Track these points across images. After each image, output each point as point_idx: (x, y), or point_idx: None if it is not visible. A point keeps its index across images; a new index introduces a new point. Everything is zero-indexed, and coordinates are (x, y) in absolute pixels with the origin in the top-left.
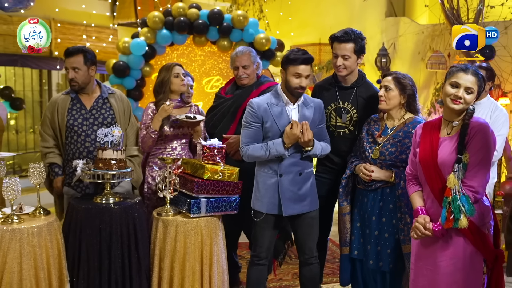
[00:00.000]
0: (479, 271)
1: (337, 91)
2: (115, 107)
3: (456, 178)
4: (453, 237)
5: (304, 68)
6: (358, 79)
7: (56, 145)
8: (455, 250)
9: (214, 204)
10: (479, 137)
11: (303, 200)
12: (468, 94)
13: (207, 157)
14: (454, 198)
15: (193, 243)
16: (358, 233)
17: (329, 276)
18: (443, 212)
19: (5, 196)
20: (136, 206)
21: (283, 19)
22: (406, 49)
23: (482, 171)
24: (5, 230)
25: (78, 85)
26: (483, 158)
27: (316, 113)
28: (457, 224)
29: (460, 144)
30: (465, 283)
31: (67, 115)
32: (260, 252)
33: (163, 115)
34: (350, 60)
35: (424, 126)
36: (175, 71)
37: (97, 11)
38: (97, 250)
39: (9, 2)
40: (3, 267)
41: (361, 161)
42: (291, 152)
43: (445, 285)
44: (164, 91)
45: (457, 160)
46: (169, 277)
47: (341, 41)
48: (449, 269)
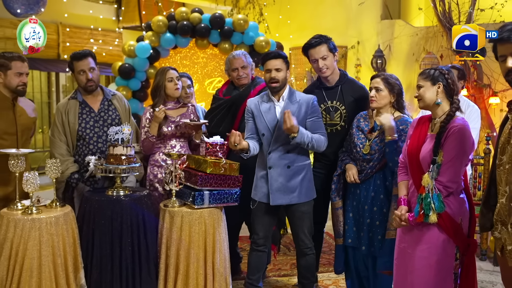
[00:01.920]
0: (451, 257)
1: (324, 92)
2: (118, 108)
3: (430, 177)
4: (429, 225)
5: (273, 63)
6: (340, 78)
7: (68, 149)
8: (430, 237)
9: (217, 196)
10: (454, 137)
11: (292, 192)
12: (422, 91)
13: (210, 152)
14: (426, 195)
15: (197, 232)
16: (351, 222)
17: (325, 266)
18: (417, 207)
19: (25, 188)
20: (145, 198)
21: (282, 22)
22: (401, 50)
23: (453, 168)
24: (25, 220)
25: (95, 85)
26: (455, 156)
27: (302, 108)
28: (427, 219)
29: (436, 145)
30: (437, 266)
31: (79, 119)
32: (257, 239)
33: (157, 120)
34: (329, 59)
35: (419, 120)
36: (168, 76)
37: (104, 16)
38: (109, 239)
39: (21, 8)
40: (24, 253)
41: (351, 161)
42: (278, 146)
43: (420, 267)
44: (159, 95)
45: (432, 161)
46: (175, 264)
47: (315, 46)
48: (424, 253)
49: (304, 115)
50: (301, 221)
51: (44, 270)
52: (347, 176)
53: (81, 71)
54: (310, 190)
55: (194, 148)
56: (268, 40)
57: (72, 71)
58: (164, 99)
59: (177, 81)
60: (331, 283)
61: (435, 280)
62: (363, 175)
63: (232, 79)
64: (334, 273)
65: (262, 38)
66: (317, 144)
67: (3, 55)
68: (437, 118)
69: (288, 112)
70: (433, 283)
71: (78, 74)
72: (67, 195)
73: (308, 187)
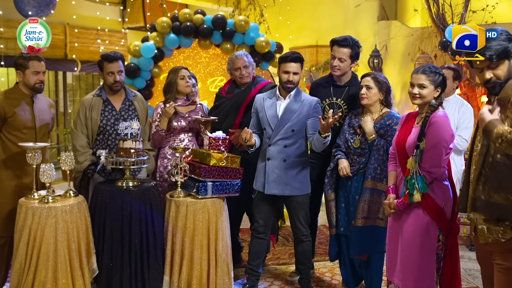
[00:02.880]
0: (433, 238)
1: (332, 89)
2: (138, 109)
3: (414, 161)
4: (414, 209)
5: (292, 66)
6: (350, 80)
7: (88, 142)
8: (415, 219)
9: (219, 187)
10: (434, 126)
11: (286, 184)
12: (423, 89)
13: (213, 146)
14: (411, 177)
15: (201, 221)
16: (343, 212)
17: (322, 256)
18: (403, 188)
19: (42, 179)
20: (152, 189)
21: (282, 23)
22: (397, 50)
23: (435, 155)
24: (42, 208)
25: (120, 86)
26: (435, 144)
27: (305, 107)
28: (412, 199)
29: (420, 133)
30: (421, 246)
31: (101, 115)
32: (258, 227)
33: (167, 116)
34: (345, 63)
35: (407, 116)
36: (181, 74)
37: (110, 17)
38: (119, 226)
39: (32, 10)
40: (41, 239)
41: (343, 155)
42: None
43: (406, 247)
44: (171, 91)
45: (416, 147)
46: (180, 250)
47: (340, 45)
48: (410, 234)
49: (306, 114)
50: (297, 211)
51: (59, 255)
52: (340, 170)
53: (110, 72)
54: (304, 185)
55: (201, 143)
56: (268, 40)
57: (101, 70)
58: (175, 95)
59: (188, 79)
60: (327, 270)
61: (419, 259)
62: (355, 169)
63: (234, 78)
64: (330, 261)
65: (262, 38)
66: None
67: (21, 56)
68: (424, 112)
69: (331, 114)
70: (417, 262)
71: (107, 74)
72: (83, 184)
73: (302, 181)
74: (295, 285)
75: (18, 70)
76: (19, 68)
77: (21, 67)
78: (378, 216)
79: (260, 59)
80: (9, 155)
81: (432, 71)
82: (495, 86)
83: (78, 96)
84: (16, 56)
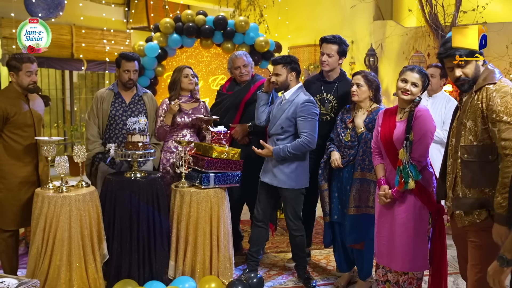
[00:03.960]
0: (425, 221)
1: (322, 85)
2: (147, 104)
3: (405, 152)
4: (407, 196)
5: (274, 68)
6: (339, 76)
7: (99, 132)
8: (407, 205)
9: (221, 178)
10: (419, 120)
11: (274, 176)
12: (415, 88)
13: (214, 140)
14: (404, 167)
15: (204, 209)
16: (336, 201)
17: (318, 244)
18: (397, 177)
19: (57, 170)
20: (158, 179)
21: (281, 23)
22: (392, 49)
23: (421, 145)
24: (58, 197)
25: (133, 84)
26: (423, 136)
27: (292, 107)
28: (407, 186)
29: (408, 126)
30: (414, 229)
31: (111, 106)
32: (257, 214)
33: (172, 112)
34: (333, 58)
35: (385, 112)
36: (184, 73)
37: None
38: (128, 215)
39: (42, 12)
40: (57, 225)
41: (335, 148)
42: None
43: (400, 232)
44: (175, 89)
45: (405, 139)
46: (185, 236)
47: (328, 42)
48: (403, 220)
49: (291, 114)
50: (285, 205)
51: (73, 240)
52: (332, 162)
53: (127, 70)
54: (291, 180)
55: (202, 139)
56: (267, 40)
57: (117, 67)
58: (179, 92)
59: (191, 77)
60: (323, 257)
61: (414, 241)
62: (345, 161)
63: (234, 76)
64: (324, 248)
65: (262, 38)
66: (297, 150)
67: (14, 57)
68: (406, 108)
69: (256, 150)
70: (413, 244)
71: (123, 71)
72: (92, 170)
73: (289, 176)
74: (292, 270)
75: (11, 72)
76: (12, 70)
77: (14, 69)
78: (368, 204)
79: (260, 58)
80: (11, 153)
81: (424, 73)
82: (464, 83)
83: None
84: (9, 57)
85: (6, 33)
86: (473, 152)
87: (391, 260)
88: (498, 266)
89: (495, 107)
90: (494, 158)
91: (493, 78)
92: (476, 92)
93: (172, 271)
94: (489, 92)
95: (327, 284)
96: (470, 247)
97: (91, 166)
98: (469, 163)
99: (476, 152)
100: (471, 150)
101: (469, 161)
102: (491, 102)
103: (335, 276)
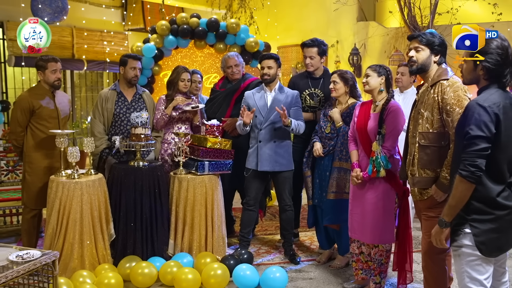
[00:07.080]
0: (392, 201)
1: (309, 81)
2: (146, 102)
3: (377, 144)
4: (376, 179)
5: (266, 62)
6: (323, 73)
7: (104, 129)
8: (377, 188)
9: (214, 165)
10: (391, 115)
11: (276, 162)
12: (369, 78)
13: (208, 132)
14: (376, 157)
15: (200, 193)
16: (317, 187)
17: (303, 228)
18: (370, 167)
19: (69, 159)
20: (159, 167)
21: (270, 24)
22: (374, 49)
23: (392, 137)
24: (70, 182)
25: (137, 81)
26: (393, 129)
27: (289, 98)
28: (379, 174)
29: (380, 121)
30: (383, 208)
31: (115, 105)
32: (249, 200)
33: (175, 104)
34: (315, 59)
35: (361, 105)
36: (182, 77)
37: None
38: (132, 198)
39: (48, 16)
40: (70, 207)
41: (318, 139)
42: (267, 125)
43: (371, 210)
44: (172, 89)
45: (378, 132)
46: (183, 218)
47: (308, 46)
48: (374, 200)
49: (289, 103)
50: (284, 184)
51: (84, 221)
52: (314, 152)
53: (133, 67)
54: (289, 162)
55: (195, 130)
56: (257, 40)
57: (122, 65)
58: (176, 92)
59: (187, 82)
60: (307, 238)
61: (383, 218)
62: (326, 150)
63: (227, 75)
64: (308, 228)
65: (252, 39)
66: (300, 130)
67: (41, 58)
68: (378, 101)
69: (284, 112)
70: (381, 220)
71: (130, 68)
72: (100, 164)
73: (288, 159)
74: (279, 249)
75: (39, 71)
76: (39, 69)
77: (41, 68)
78: (345, 190)
79: (250, 57)
80: (38, 141)
81: (374, 68)
82: (413, 64)
83: (84, 93)
84: (37, 58)
85: (12, 35)
86: (429, 138)
87: (362, 234)
88: (439, 228)
89: (449, 100)
90: (446, 144)
91: (446, 75)
92: (432, 87)
93: (172, 248)
94: (443, 87)
95: (310, 260)
96: (422, 219)
97: (99, 160)
98: (425, 147)
99: (432, 138)
100: (427, 136)
101: (425, 145)
102: (446, 96)
103: (317, 253)
